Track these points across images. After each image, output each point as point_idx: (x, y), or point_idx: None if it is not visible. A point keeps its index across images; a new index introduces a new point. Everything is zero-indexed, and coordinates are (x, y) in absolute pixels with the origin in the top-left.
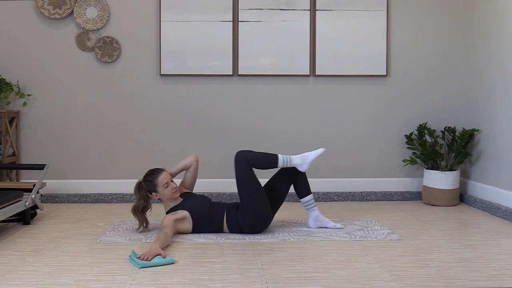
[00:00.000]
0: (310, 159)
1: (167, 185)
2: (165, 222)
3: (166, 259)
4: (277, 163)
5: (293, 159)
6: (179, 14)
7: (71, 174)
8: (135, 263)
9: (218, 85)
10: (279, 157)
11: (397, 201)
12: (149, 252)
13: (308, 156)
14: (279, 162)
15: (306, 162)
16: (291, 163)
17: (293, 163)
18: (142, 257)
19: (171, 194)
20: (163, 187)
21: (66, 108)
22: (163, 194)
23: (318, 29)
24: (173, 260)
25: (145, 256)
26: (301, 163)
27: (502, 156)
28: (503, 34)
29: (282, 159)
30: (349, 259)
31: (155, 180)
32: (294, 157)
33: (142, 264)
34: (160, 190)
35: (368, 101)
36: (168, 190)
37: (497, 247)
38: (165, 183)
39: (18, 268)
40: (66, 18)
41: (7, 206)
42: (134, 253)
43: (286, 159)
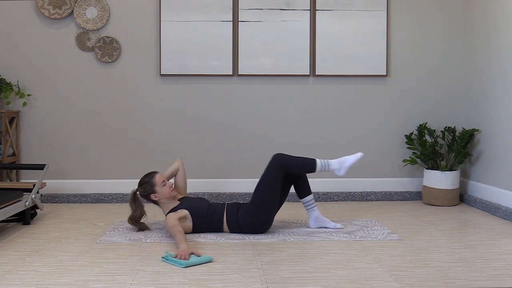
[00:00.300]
0: (348, 164)
1: (164, 183)
2: (172, 222)
3: (203, 257)
4: (315, 168)
5: (331, 164)
6: (179, 14)
7: (71, 174)
8: (178, 263)
9: (218, 85)
10: (317, 161)
11: (397, 201)
12: (184, 252)
13: (346, 161)
14: (317, 167)
15: (345, 167)
16: (329, 168)
17: (331, 168)
18: (179, 257)
19: (169, 192)
20: (161, 185)
21: (66, 108)
22: (162, 192)
23: (318, 29)
24: (211, 258)
25: (182, 256)
26: (339, 168)
27: (502, 156)
28: (503, 34)
29: (320, 164)
30: (349, 259)
31: (152, 180)
32: (332, 162)
33: (185, 263)
34: (158, 189)
35: (368, 101)
36: (166, 188)
37: (497, 247)
38: (162, 181)
39: (18, 268)
40: (66, 18)
41: (7, 206)
42: (169, 254)
43: (324, 164)
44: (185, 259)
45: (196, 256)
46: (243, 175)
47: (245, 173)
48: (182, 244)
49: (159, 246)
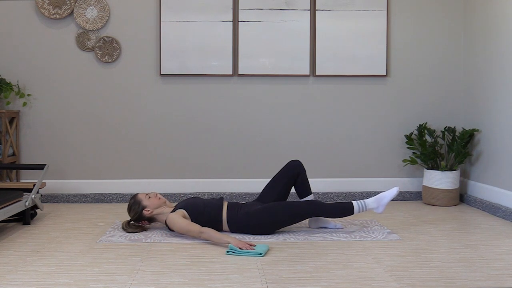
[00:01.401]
0: (386, 201)
1: (148, 196)
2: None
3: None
4: (353, 210)
5: (368, 203)
6: (179, 14)
7: (71, 174)
8: (254, 253)
9: (218, 85)
10: (354, 204)
11: (397, 201)
12: (243, 244)
13: (384, 198)
14: (355, 210)
15: (382, 204)
16: (367, 208)
17: (368, 208)
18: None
19: (157, 200)
20: (147, 198)
21: (66, 108)
22: (151, 204)
23: (318, 29)
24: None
25: (246, 247)
26: (377, 206)
27: (502, 156)
28: (503, 34)
29: (357, 206)
30: (349, 259)
31: (136, 199)
32: (369, 202)
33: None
34: (147, 203)
35: (368, 101)
36: (153, 198)
37: (497, 247)
38: (145, 195)
39: (18, 268)
40: (66, 18)
41: (7, 206)
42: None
43: (361, 205)
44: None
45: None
46: (243, 175)
47: (245, 173)
48: (229, 237)
49: (159, 246)
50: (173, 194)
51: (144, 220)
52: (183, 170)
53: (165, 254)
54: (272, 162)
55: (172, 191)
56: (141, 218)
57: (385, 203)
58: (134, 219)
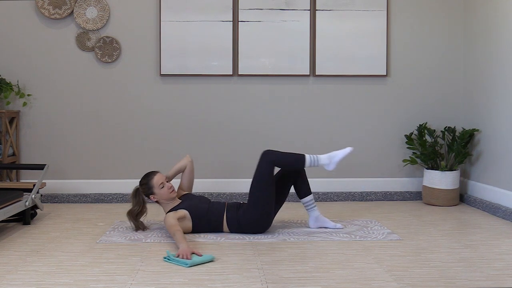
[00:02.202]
0: (337, 159)
1: (162, 185)
2: (171, 222)
3: (205, 256)
4: (304, 163)
5: (320, 159)
6: (179, 14)
7: (71, 174)
8: (182, 263)
9: (218, 85)
10: (307, 156)
11: (397, 201)
12: (185, 251)
13: (335, 156)
14: (306, 162)
15: (334, 161)
16: (319, 163)
17: (320, 163)
18: (181, 256)
19: (167, 194)
20: (159, 187)
21: (66, 108)
22: (160, 194)
23: (318, 29)
24: (213, 257)
25: (184, 255)
26: (328, 162)
27: (502, 156)
28: (503, 34)
29: (309, 159)
30: (349, 259)
31: (150, 182)
32: (322, 157)
33: (190, 262)
34: (156, 191)
35: (368, 101)
36: (164, 190)
37: (497, 247)
38: (160, 183)
39: (18, 268)
40: (66, 18)
41: (7, 206)
42: (170, 254)
43: (313, 159)
44: (187, 259)
45: (197, 255)
46: (243, 175)
47: (245, 173)
48: (182, 243)
49: (159, 246)
50: None
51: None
52: None
53: (165, 254)
54: None
55: None
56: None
57: (337, 161)
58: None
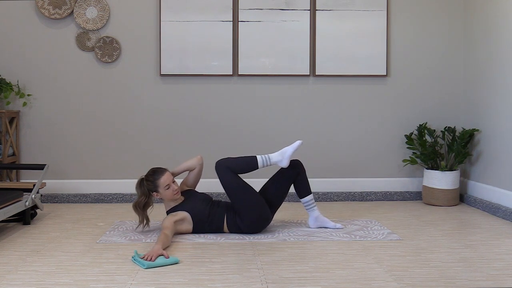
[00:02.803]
0: (289, 154)
1: (168, 186)
2: (165, 224)
3: (170, 259)
4: (257, 164)
5: (272, 157)
6: (179, 14)
7: (71, 174)
8: (140, 263)
9: (218, 85)
10: (258, 158)
11: (397, 201)
12: (152, 253)
13: (286, 151)
14: (258, 163)
15: (286, 157)
16: (271, 161)
17: (272, 161)
18: (146, 257)
19: (172, 196)
20: (165, 188)
21: (66, 108)
22: (164, 195)
23: (318, 29)
24: (177, 259)
25: (148, 257)
26: (281, 159)
27: (502, 156)
28: (503, 34)
29: (261, 160)
30: (349, 259)
31: (156, 181)
32: (273, 155)
33: (147, 264)
34: (161, 191)
35: (368, 101)
36: (169, 191)
37: (497, 247)
38: (166, 184)
39: (18, 268)
40: (66, 18)
41: (7, 206)
42: (137, 254)
43: (265, 159)
44: (151, 260)
45: (164, 257)
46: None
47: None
48: (156, 245)
49: None
50: None
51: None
52: None
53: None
54: None
55: None
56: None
57: (289, 156)
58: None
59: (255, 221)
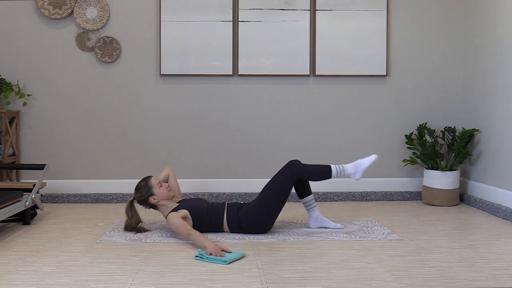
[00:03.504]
0: (363, 167)
1: (160, 184)
2: (177, 222)
3: (238, 252)
4: (331, 174)
5: (346, 168)
6: (179, 14)
7: (71, 174)
8: (219, 260)
9: (218, 85)
10: (332, 167)
11: (397, 201)
12: (215, 250)
13: (361, 164)
14: (332, 173)
15: (360, 170)
16: (345, 172)
17: (346, 173)
18: (214, 255)
19: (166, 192)
20: (158, 186)
21: (66, 108)
22: (160, 193)
23: (318, 29)
24: (244, 254)
25: (216, 253)
26: (354, 171)
27: (502, 156)
28: (503, 34)
29: (335, 170)
30: (349, 259)
31: (148, 183)
32: (347, 166)
33: (228, 259)
34: (156, 191)
35: (368, 101)
36: (163, 188)
37: (497, 247)
38: (158, 182)
39: (18, 268)
40: (66, 18)
41: (7, 206)
42: (202, 253)
43: (339, 169)
44: (221, 256)
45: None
46: (243, 175)
47: (245, 173)
48: (207, 242)
49: (159, 246)
50: None
51: (147, 205)
52: (183, 170)
53: (165, 254)
54: (272, 162)
55: None
56: (145, 203)
57: (363, 169)
58: (139, 200)
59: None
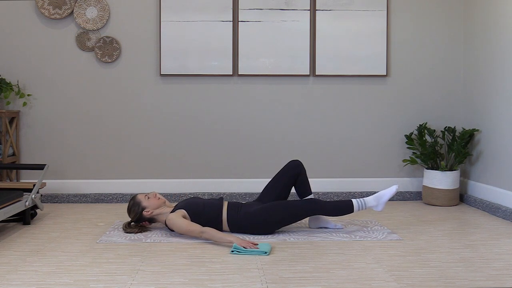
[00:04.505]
0: (385, 199)
1: (147, 196)
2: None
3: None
4: (353, 209)
5: (368, 201)
6: (179, 14)
7: (71, 174)
8: (259, 252)
9: (218, 85)
10: (354, 202)
11: (397, 201)
12: (246, 242)
13: (383, 196)
14: (354, 208)
15: (381, 202)
16: (366, 206)
17: (368, 206)
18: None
19: (156, 200)
20: (146, 198)
21: (66, 108)
22: (151, 204)
23: (318, 29)
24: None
25: (250, 246)
26: (376, 204)
27: (502, 156)
28: (503, 34)
29: (357, 204)
30: (349, 259)
31: (135, 200)
32: (368, 200)
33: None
34: (146, 204)
35: (368, 101)
36: (151, 199)
37: (497, 247)
38: (144, 195)
39: (18, 268)
40: (66, 18)
41: (7, 206)
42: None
43: (361, 204)
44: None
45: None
46: (243, 175)
47: (245, 173)
48: (232, 237)
49: (159, 246)
50: (173, 194)
51: (145, 221)
52: (183, 170)
53: (165, 254)
54: (272, 162)
55: (172, 191)
56: (141, 219)
57: (385, 201)
58: (134, 220)
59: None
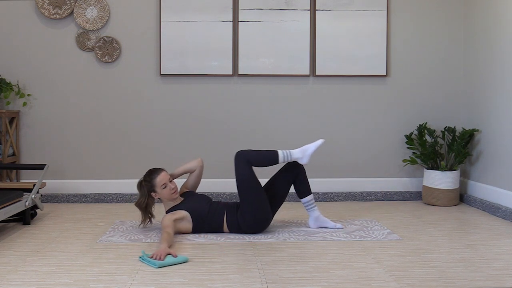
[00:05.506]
0: (310, 152)
1: (165, 185)
2: (165, 223)
3: (179, 257)
4: (278, 159)
5: (293, 153)
6: (179, 14)
7: (71, 174)
8: (151, 263)
9: (218, 85)
10: (279, 153)
11: (397, 201)
12: (159, 252)
13: (308, 149)
14: (279, 158)
15: (307, 155)
16: (292, 157)
17: (293, 157)
18: (154, 257)
19: (169, 195)
20: (161, 187)
21: (66, 108)
22: (162, 194)
23: (318, 29)
24: (186, 258)
25: (157, 256)
26: (301, 156)
27: (502, 156)
28: (503, 34)
29: (282, 155)
30: (349, 259)
31: (153, 180)
32: (294, 151)
33: (159, 263)
34: (158, 191)
35: (368, 101)
36: (166, 190)
37: (497, 247)
38: (163, 183)
39: (18, 268)
40: (66, 18)
41: (7, 206)
42: (145, 254)
43: (286, 154)
44: (160, 259)
45: (172, 256)
46: None
47: None
48: (162, 244)
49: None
50: None
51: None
52: None
53: None
54: None
55: None
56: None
57: (310, 154)
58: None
59: (255, 220)
